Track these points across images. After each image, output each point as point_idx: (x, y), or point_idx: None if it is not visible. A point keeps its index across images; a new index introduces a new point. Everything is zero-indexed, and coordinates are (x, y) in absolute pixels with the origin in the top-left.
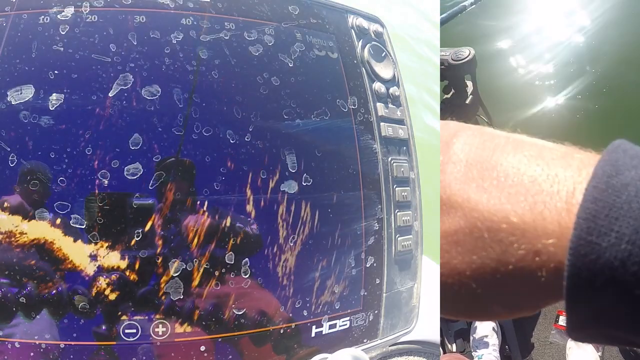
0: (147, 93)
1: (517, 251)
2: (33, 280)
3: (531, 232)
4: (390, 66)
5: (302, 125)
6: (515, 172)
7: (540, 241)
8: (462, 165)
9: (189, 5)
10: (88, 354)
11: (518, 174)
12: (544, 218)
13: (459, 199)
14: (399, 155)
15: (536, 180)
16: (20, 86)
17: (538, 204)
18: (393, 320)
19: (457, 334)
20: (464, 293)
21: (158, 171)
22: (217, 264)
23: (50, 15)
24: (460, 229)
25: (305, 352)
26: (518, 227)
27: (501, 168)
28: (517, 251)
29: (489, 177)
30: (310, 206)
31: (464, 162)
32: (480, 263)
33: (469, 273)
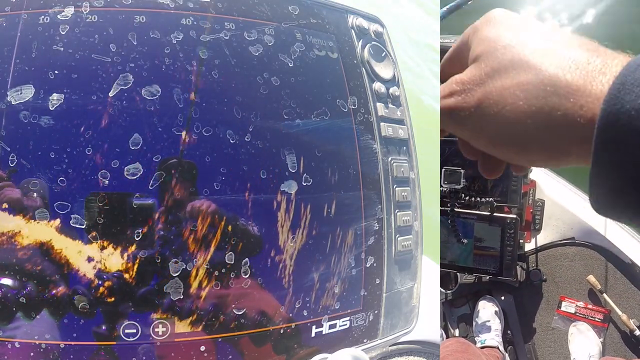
0: (147, 93)
1: (568, 102)
2: (33, 280)
3: (581, 92)
4: (390, 66)
5: (302, 125)
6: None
7: (585, 99)
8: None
9: (189, 5)
10: (88, 354)
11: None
12: (592, 85)
13: (537, 62)
14: (399, 155)
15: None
16: (20, 86)
17: (590, 76)
18: (393, 320)
19: (460, 318)
20: (520, 129)
21: (158, 171)
22: (217, 264)
23: (50, 15)
24: (531, 81)
25: (305, 352)
26: (572, 87)
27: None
28: (568, 102)
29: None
30: (310, 206)
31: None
32: (540, 106)
33: (529, 113)
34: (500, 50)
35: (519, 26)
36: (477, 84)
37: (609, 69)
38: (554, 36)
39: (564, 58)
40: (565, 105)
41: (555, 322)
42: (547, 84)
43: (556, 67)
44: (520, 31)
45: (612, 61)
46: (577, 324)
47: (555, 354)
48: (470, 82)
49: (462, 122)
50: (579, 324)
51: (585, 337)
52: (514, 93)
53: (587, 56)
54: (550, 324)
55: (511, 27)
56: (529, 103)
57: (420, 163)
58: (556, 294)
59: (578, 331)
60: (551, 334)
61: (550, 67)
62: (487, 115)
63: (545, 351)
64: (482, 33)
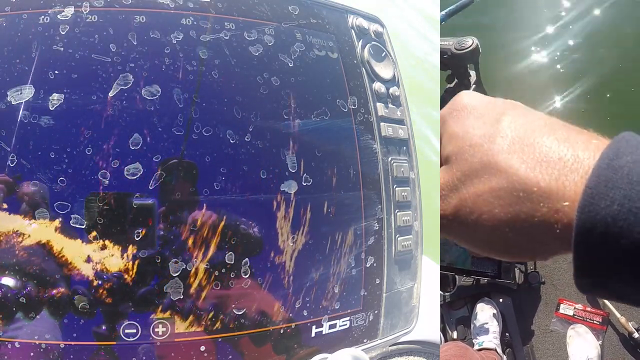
0: (147, 93)
1: (542, 208)
2: (33, 280)
3: (554, 196)
4: (390, 66)
5: (302, 125)
6: (547, 151)
7: (560, 203)
8: (509, 139)
9: (189, 5)
10: (88, 354)
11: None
12: (564, 187)
13: (505, 165)
14: (399, 155)
15: (562, 158)
16: (20, 86)
17: (561, 176)
18: (393, 320)
19: (459, 321)
20: (498, 235)
21: (158, 171)
22: (217, 264)
23: (50, 15)
24: (503, 187)
25: (305, 352)
26: (545, 191)
27: (537, 146)
28: (543, 208)
29: (527, 152)
30: (310, 206)
31: (509, 138)
32: (515, 214)
33: (505, 220)
34: (468, 152)
35: (485, 116)
36: (451, 189)
37: (581, 165)
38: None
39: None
40: (540, 211)
41: (554, 324)
42: (519, 189)
43: (526, 169)
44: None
45: (583, 153)
46: (575, 327)
47: (553, 356)
48: (445, 187)
49: (444, 229)
50: (577, 327)
51: (583, 339)
52: (488, 200)
53: (557, 150)
54: (549, 326)
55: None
56: (505, 210)
57: (420, 163)
58: (554, 297)
59: (576, 334)
60: (549, 336)
61: (520, 170)
62: (465, 224)
63: (543, 353)
64: (449, 127)
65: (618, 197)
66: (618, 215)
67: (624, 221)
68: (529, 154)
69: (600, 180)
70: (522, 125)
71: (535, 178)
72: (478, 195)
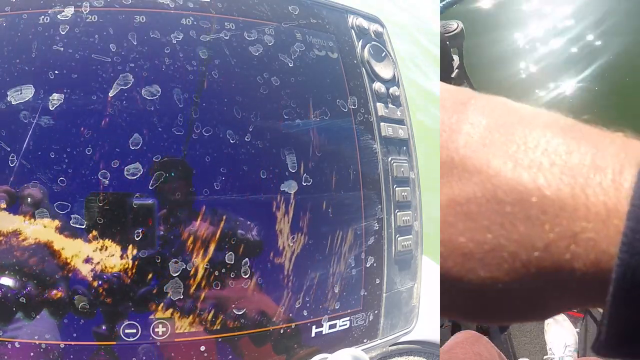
0: (147, 93)
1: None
2: (33, 280)
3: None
4: (390, 66)
5: (302, 125)
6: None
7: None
8: (482, 127)
9: (189, 5)
10: (88, 354)
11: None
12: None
13: (477, 162)
14: (399, 155)
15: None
16: (20, 86)
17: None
18: (393, 320)
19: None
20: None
21: (158, 171)
22: (217, 264)
23: (50, 15)
24: (474, 198)
25: (305, 352)
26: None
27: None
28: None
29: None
30: (310, 206)
31: (483, 125)
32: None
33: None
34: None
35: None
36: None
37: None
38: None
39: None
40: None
41: None
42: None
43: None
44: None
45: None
46: None
47: (531, 344)
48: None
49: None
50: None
51: (561, 326)
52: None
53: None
54: None
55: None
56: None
57: (420, 163)
58: None
59: (554, 321)
60: (527, 323)
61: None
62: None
63: (521, 341)
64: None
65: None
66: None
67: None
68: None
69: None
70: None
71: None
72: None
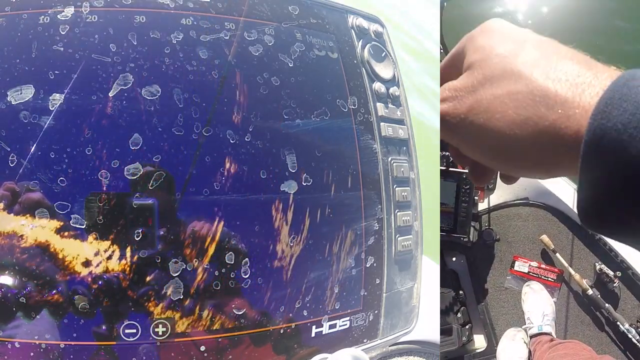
0: (147, 93)
1: (556, 112)
2: (33, 280)
3: (569, 103)
4: (390, 66)
5: (302, 125)
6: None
7: (574, 110)
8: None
9: (189, 5)
10: (88, 354)
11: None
12: (580, 97)
13: (527, 73)
14: (399, 155)
15: (581, 75)
16: (20, 86)
17: (579, 87)
18: (393, 320)
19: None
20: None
21: (158, 171)
22: (217, 264)
23: (50, 15)
24: (521, 91)
25: (305, 352)
26: (561, 98)
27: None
28: (556, 112)
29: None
30: (310, 206)
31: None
32: (528, 116)
33: (518, 122)
34: (493, 60)
35: (513, 36)
36: (469, 91)
37: (599, 82)
38: (546, 47)
39: (555, 70)
40: (552, 116)
41: (509, 282)
42: (536, 94)
43: (546, 78)
44: (513, 42)
45: (602, 74)
46: (530, 284)
47: (508, 314)
48: (462, 89)
49: (452, 129)
50: (532, 284)
51: (538, 296)
52: (504, 102)
53: (577, 69)
54: (504, 284)
55: (505, 37)
56: (518, 112)
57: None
58: (509, 254)
59: (532, 290)
60: (504, 293)
61: (540, 78)
62: (476, 123)
63: (498, 311)
64: (477, 42)
65: (630, 108)
66: (629, 122)
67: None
68: (551, 69)
69: (614, 94)
70: (547, 48)
71: (553, 87)
72: (495, 97)
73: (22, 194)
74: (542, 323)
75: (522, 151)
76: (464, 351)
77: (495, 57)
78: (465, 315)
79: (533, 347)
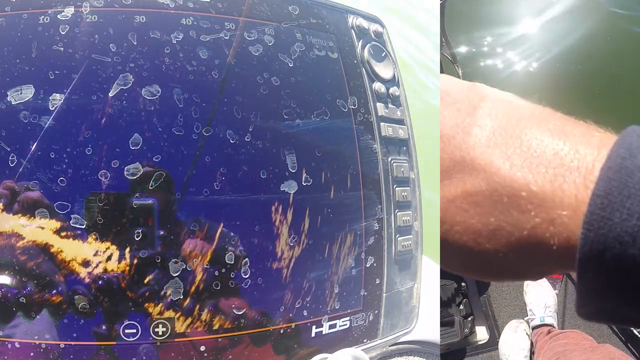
0: (147, 93)
1: (533, 218)
2: (33, 280)
3: (549, 202)
4: (390, 66)
5: (302, 125)
6: (538, 144)
7: (556, 212)
8: (488, 130)
9: (189, 5)
10: (88, 354)
11: (541, 146)
12: (562, 191)
13: (482, 162)
14: (399, 155)
15: (558, 154)
16: (20, 86)
17: (558, 176)
18: (393, 320)
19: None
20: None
21: (158, 171)
22: (217, 264)
23: (50, 15)
24: (481, 191)
25: (305, 352)
26: (537, 196)
27: (525, 138)
28: (534, 218)
29: (512, 146)
30: (310, 206)
31: (489, 127)
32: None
33: (485, 233)
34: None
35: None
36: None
37: (583, 162)
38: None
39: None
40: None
41: None
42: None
43: (511, 167)
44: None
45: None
46: None
47: (510, 306)
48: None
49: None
50: None
51: (541, 287)
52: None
53: (551, 144)
54: None
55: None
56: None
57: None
58: None
59: (534, 282)
60: (506, 285)
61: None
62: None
63: (500, 303)
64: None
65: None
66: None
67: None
68: (515, 148)
69: (612, 185)
70: (506, 112)
71: (523, 179)
72: (449, 201)
73: (22, 193)
74: (544, 314)
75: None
76: (466, 343)
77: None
78: (468, 307)
79: (535, 338)
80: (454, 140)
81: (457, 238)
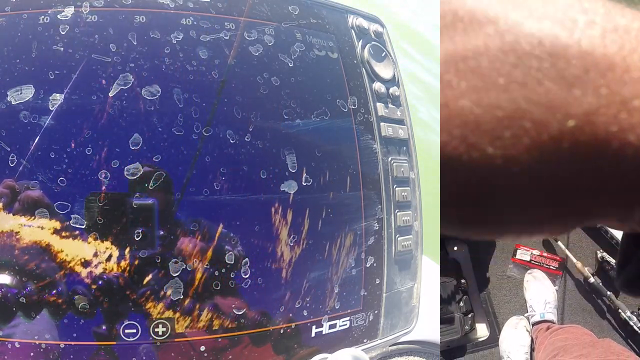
0: (147, 93)
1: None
2: (33, 280)
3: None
4: (390, 66)
5: (302, 125)
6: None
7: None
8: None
9: (189, 5)
10: (88, 354)
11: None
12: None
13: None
14: (399, 155)
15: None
16: (20, 86)
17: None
18: (393, 320)
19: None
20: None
21: (158, 171)
22: (217, 264)
23: (50, 15)
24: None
25: (305, 352)
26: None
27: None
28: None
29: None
30: (310, 206)
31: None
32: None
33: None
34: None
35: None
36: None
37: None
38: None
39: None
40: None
41: (510, 270)
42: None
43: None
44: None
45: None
46: (532, 272)
47: (510, 302)
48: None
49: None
50: (534, 272)
51: (541, 284)
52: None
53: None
54: (505, 272)
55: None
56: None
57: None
58: (511, 243)
59: (534, 278)
60: (506, 282)
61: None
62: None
63: (501, 299)
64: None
65: None
66: None
67: None
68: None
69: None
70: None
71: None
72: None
73: (22, 193)
74: (545, 311)
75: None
76: (467, 340)
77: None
78: (468, 304)
79: (535, 334)
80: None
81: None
